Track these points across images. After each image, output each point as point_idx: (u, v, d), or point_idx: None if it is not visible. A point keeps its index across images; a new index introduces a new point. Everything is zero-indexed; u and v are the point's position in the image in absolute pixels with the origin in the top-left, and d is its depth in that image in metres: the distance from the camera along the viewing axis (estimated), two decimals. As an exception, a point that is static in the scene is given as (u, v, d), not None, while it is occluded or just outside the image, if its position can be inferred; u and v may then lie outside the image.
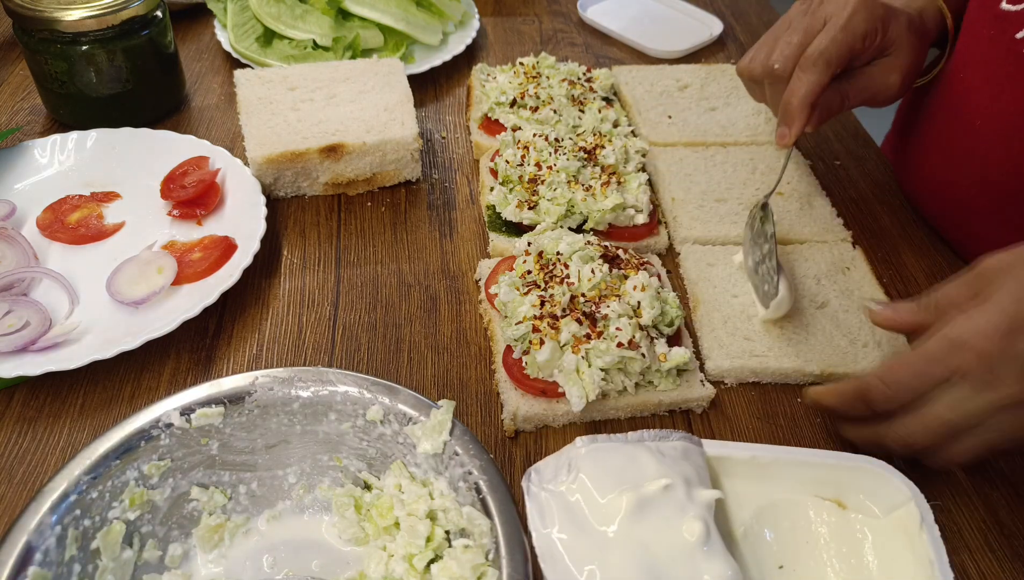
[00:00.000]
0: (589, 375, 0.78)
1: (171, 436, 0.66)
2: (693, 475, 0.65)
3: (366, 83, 1.11)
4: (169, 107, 1.18)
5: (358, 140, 1.01)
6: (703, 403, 0.84)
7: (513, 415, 0.80)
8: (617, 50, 1.42)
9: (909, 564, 0.65)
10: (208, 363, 0.85)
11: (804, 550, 0.69)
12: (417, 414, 0.67)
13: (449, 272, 0.97)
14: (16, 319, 0.82)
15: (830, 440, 0.83)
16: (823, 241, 1.02)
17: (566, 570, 0.60)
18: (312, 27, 1.23)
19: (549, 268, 0.85)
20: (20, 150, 1.03)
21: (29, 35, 1.03)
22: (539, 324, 0.80)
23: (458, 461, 0.65)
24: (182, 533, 0.67)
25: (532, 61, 1.19)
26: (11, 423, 0.78)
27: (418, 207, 1.06)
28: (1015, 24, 0.88)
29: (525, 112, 1.11)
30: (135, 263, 0.90)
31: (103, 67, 1.06)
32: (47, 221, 0.96)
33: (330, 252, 0.99)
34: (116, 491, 0.63)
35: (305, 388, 0.69)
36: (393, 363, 0.86)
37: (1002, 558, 0.74)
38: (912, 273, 1.02)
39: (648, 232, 1.01)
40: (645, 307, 0.82)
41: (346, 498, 0.69)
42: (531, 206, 0.97)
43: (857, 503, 0.70)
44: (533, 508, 0.63)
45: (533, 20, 1.49)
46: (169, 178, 1.00)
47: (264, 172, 1.01)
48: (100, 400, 0.80)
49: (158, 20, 1.09)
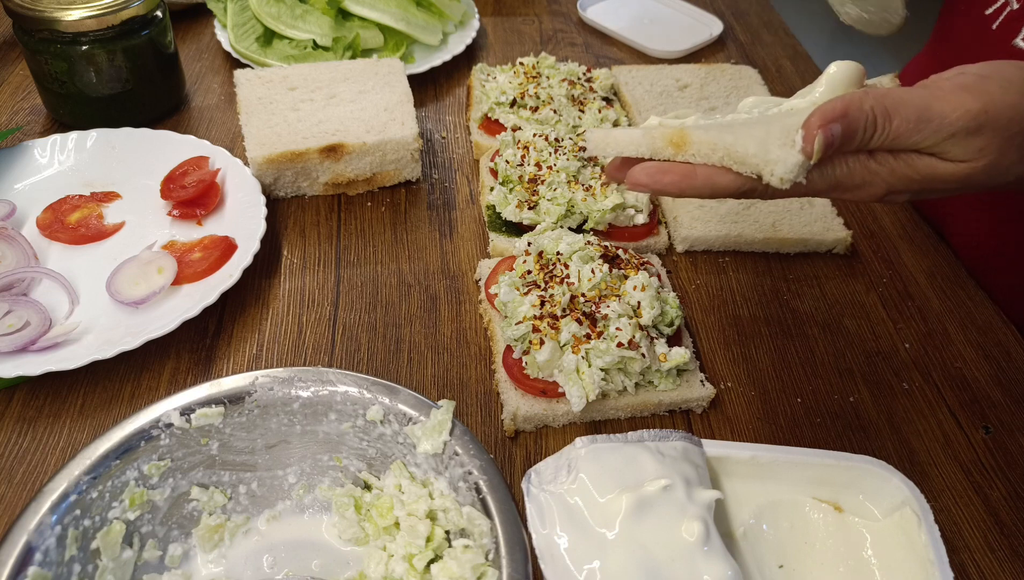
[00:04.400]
0: (589, 375, 0.78)
1: (171, 436, 0.66)
2: (693, 475, 0.65)
3: (366, 83, 1.11)
4: (169, 107, 1.17)
5: (358, 140, 1.01)
6: (703, 403, 0.84)
7: (513, 415, 0.80)
8: (617, 50, 1.42)
9: (909, 564, 0.65)
10: (208, 363, 0.85)
11: (804, 550, 0.69)
12: (417, 414, 0.67)
13: (449, 272, 0.97)
14: (16, 319, 0.82)
15: (830, 440, 0.83)
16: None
17: (566, 570, 0.60)
18: (312, 27, 1.23)
19: (549, 268, 0.85)
20: (20, 150, 1.03)
21: (29, 35, 1.03)
22: (539, 324, 0.80)
23: (458, 461, 0.65)
24: (182, 533, 0.67)
25: (532, 61, 1.19)
26: (11, 423, 0.78)
27: (418, 207, 1.06)
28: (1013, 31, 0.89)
29: (525, 112, 1.11)
30: (135, 263, 0.90)
31: (103, 67, 1.06)
32: (47, 221, 0.96)
33: (330, 252, 0.99)
34: (116, 491, 0.63)
35: (305, 388, 0.68)
36: (393, 363, 0.86)
37: (1002, 558, 0.74)
38: (912, 273, 1.02)
39: (648, 232, 1.01)
40: (645, 307, 0.82)
41: (346, 498, 0.69)
42: (531, 206, 0.97)
43: (857, 503, 0.70)
44: (533, 509, 0.63)
45: (533, 20, 1.49)
46: (169, 178, 1.00)
47: (264, 172, 1.01)
48: (100, 400, 0.80)
49: (158, 20, 1.09)
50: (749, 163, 0.60)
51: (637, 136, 0.64)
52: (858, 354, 0.92)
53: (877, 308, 0.98)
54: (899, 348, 0.93)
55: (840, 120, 0.58)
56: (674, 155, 0.62)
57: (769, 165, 0.59)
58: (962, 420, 0.86)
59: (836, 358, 0.91)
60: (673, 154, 0.63)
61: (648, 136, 0.64)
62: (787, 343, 0.92)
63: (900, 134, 0.59)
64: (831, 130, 0.58)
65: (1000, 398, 0.88)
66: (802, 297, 0.98)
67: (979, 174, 0.60)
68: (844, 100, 0.59)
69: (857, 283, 1.01)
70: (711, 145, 0.61)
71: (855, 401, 0.87)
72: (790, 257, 1.03)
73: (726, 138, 0.61)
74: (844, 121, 0.58)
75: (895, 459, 0.81)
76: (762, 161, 0.59)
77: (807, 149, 0.58)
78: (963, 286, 1.01)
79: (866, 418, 0.85)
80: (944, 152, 0.60)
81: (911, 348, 0.93)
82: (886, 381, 0.89)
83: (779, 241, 1.02)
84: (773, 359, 0.91)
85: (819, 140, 0.57)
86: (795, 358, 0.91)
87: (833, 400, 0.87)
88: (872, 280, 1.01)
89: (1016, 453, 0.83)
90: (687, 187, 0.62)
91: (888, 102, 0.59)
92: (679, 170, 0.62)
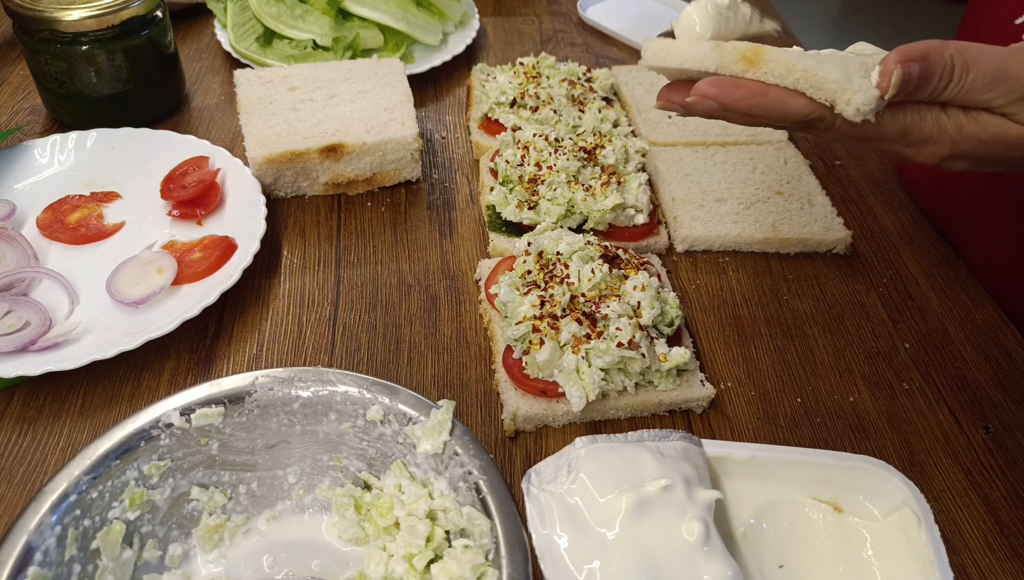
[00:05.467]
0: (589, 375, 0.78)
1: (171, 436, 0.66)
2: (693, 475, 0.65)
3: (366, 83, 1.11)
4: (169, 107, 1.18)
5: (358, 140, 1.01)
6: (703, 403, 0.84)
7: (513, 415, 0.80)
8: (617, 50, 1.42)
9: (909, 564, 0.65)
10: (208, 363, 0.85)
11: (804, 550, 0.69)
12: (417, 414, 0.67)
13: (449, 272, 0.97)
14: (16, 319, 0.82)
15: (830, 440, 0.83)
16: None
17: (566, 570, 0.59)
18: (312, 27, 1.23)
19: (549, 268, 0.85)
20: (20, 150, 1.03)
21: (29, 35, 1.03)
22: (539, 324, 0.80)
23: (458, 461, 0.65)
24: (182, 533, 0.67)
25: (532, 61, 1.19)
26: (11, 423, 0.78)
27: (418, 207, 1.06)
28: (1015, 9, 0.88)
29: (525, 112, 1.11)
30: (135, 263, 0.90)
31: (103, 67, 1.06)
32: (47, 221, 0.96)
33: (330, 252, 0.99)
34: (116, 491, 0.63)
35: (305, 388, 0.68)
36: (393, 363, 0.86)
37: (1002, 558, 0.74)
38: (912, 273, 1.03)
39: (648, 232, 1.01)
40: (645, 307, 0.82)
41: (346, 498, 0.69)
42: (531, 206, 0.97)
43: (856, 503, 0.70)
44: (533, 509, 0.63)
45: (533, 20, 1.49)
46: (169, 178, 1.00)
47: (264, 172, 1.01)
48: (100, 400, 0.80)
49: (158, 20, 1.09)
50: (827, 88, 0.58)
51: (705, 48, 0.61)
52: (858, 354, 0.92)
53: (877, 308, 0.98)
54: (899, 348, 0.93)
55: (920, 61, 0.57)
56: (744, 71, 0.60)
57: (847, 93, 0.57)
58: (962, 420, 0.86)
59: (836, 358, 0.91)
60: (743, 70, 0.60)
61: (718, 49, 0.60)
62: (787, 343, 0.92)
63: (975, 88, 0.58)
64: (910, 68, 0.57)
65: (1000, 398, 0.88)
66: (802, 297, 0.98)
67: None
68: (926, 44, 0.58)
69: (857, 283, 1.01)
70: (788, 64, 0.59)
71: (855, 401, 0.87)
72: (790, 257, 1.03)
73: (806, 61, 0.58)
74: (924, 63, 0.57)
75: (895, 459, 0.81)
76: (842, 88, 0.57)
77: (883, 84, 0.57)
78: (963, 286, 1.01)
79: (866, 418, 0.85)
80: (1015, 113, 0.59)
81: (911, 348, 0.93)
82: (886, 381, 0.89)
83: (779, 241, 1.02)
84: (773, 359, 0.91)
85: (897, 75, 0.57)
86: (795, 358, 0.91)
87: (833, 400, 0.87)
88: (872, 280, 1.01)
89: (1016, 453, 0.83)
90: (755, 105, 0.60)
91: (968, 55, 0.58)
92: (751, 87, 0.60)
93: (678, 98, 0.63)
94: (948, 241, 1.08)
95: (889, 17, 4.23)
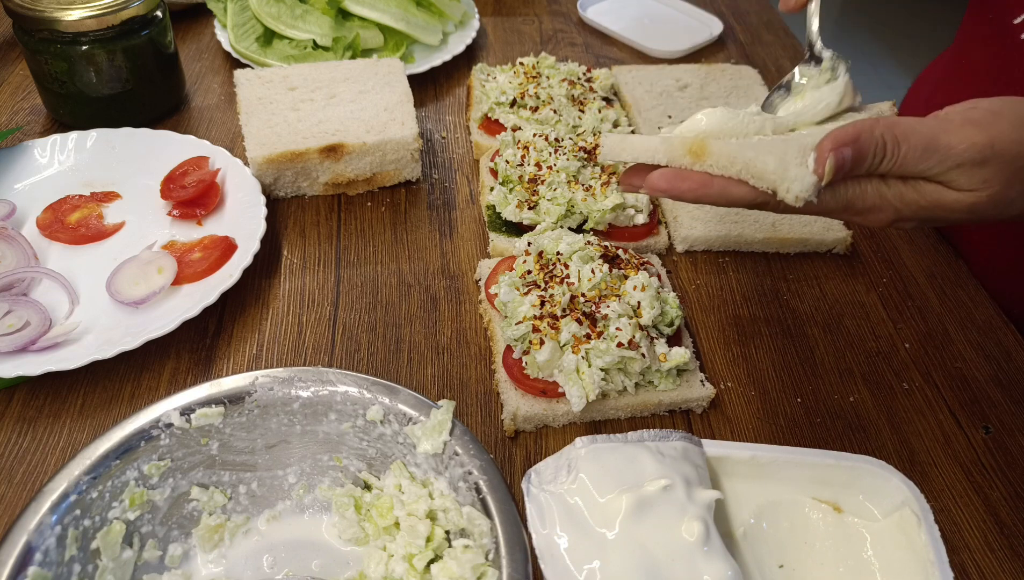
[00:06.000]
0: (589, 375, 0.78)
1: (171, 436, 0.66)
2: (693, 475, 0.65)
3: (366, 83, 1.11)
4: (169, 107, 1.18)
5: (358, 140, 1.01)
6: (703, 403, 0.84)
7: (513, 415, 0.80)
8: (617, 50, 1.42)
9: (909, 563, 0.65)
10: (208, 363, 0.85)
11: (804, 549, 0.69)
12: (417, 414, 0.67)
13: (449, 272, 0.97)
14: (16, 319, 0.82)
15: (830, 440, 0.83)
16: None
17: (566, 570, 0.60)
18: (312, 27, 1.23)
19: (549, 268, 0.85)
20: (20, 150, 1.03)
21: (29, 35, 1.03)
22: (539, 324, 0.80)
23: (458, 461, 0.65)
24: (182, 533, 0.67)
25: (532, 61, 1.19)
26: (11, 423, 0.78)
27: (418, 207, 1.06)
28: (1014, 10, 0.89)
29: (525, 112, 1.11)
30: (135, 263, 0.90)
31: (103, 67, 1.06)
32: (47, 221, 0.96)
33: (330, 252, 0.99)
34: (116, 491, 0.63)
35: (305, 388, 0.68)
36: (393, 363, 0.86)
37: (1002, 558, 0.74)
38: (912, 273, 1.03)
39: (648, 232, 1.01)
40: (645, 307, 0.82)
41: (346, 498, 0.69)
42: (531, 206, 0.97)
43: (856, 503, 0.70)
44: (533, 509, 0.63)
45: (533, 20, 1.49)
46: (169, 178, 1.00)
47: (264, 172, 1.01)
48: (100, 400, 0.80)
49: (158, 20, 1.09)
50: (767, 178, 0.61)
51: (655, 143, 0.65)
52: (858, 354, 0.92)
53: (877, 308, 0.98)
54: (899, 348, 0.93)
55: (852, 144, 0.60)
56: (692, 164, 0.64)
57: (786, 182, 0.60)
58: (962, 420, 0.86)
59: (836, 358, 0.91)
60: (691, 163, 0.64)
61: (667, 144, 0.64)
62: (787, 343, 0.92)
63: (908, 160, 0.61)
64: (843, 154, 0.60)
65: (1000, 398, 0.88)
66: (802, 297, 0.98)
67: (984, 204, 0.62)
68: (856, 126, 0.61)
69: (857, 283, 1.01)
70: (730, 157, 0.62)
71: (855, 401, 0.87)
72: (790, 257, 1.03)
73: (746, 153, 0.62)
74: (855, 145, 0.60)
75: (895, 459, 0.81)
76: (780, 178, 0.61)
77: (819, 170, 0.60)
78: (963, 286, 1.01)
79: (866, 418, 0.85)
80: (951, 181, 0.62)
81: (911, 348, 0.93)
82: (886, 381, 0.89)
83: (779, 241, 1.02)
84: (773, 359, 0.91)
85: (831, 162, 0.59)
86: (795, 358, 0.91)
87: (833, 400, 0.87)
88: (872, 280, 1.01)
89: (1016, 453, 0.83)
90: (703, 195, 0.64)
91: (898, 130, 0.61)
92: (696, 178, 0.64)
93: (638, 181, 0.67)
94: (948, 241, 1.08)
95: (889, 17, 4.23)
